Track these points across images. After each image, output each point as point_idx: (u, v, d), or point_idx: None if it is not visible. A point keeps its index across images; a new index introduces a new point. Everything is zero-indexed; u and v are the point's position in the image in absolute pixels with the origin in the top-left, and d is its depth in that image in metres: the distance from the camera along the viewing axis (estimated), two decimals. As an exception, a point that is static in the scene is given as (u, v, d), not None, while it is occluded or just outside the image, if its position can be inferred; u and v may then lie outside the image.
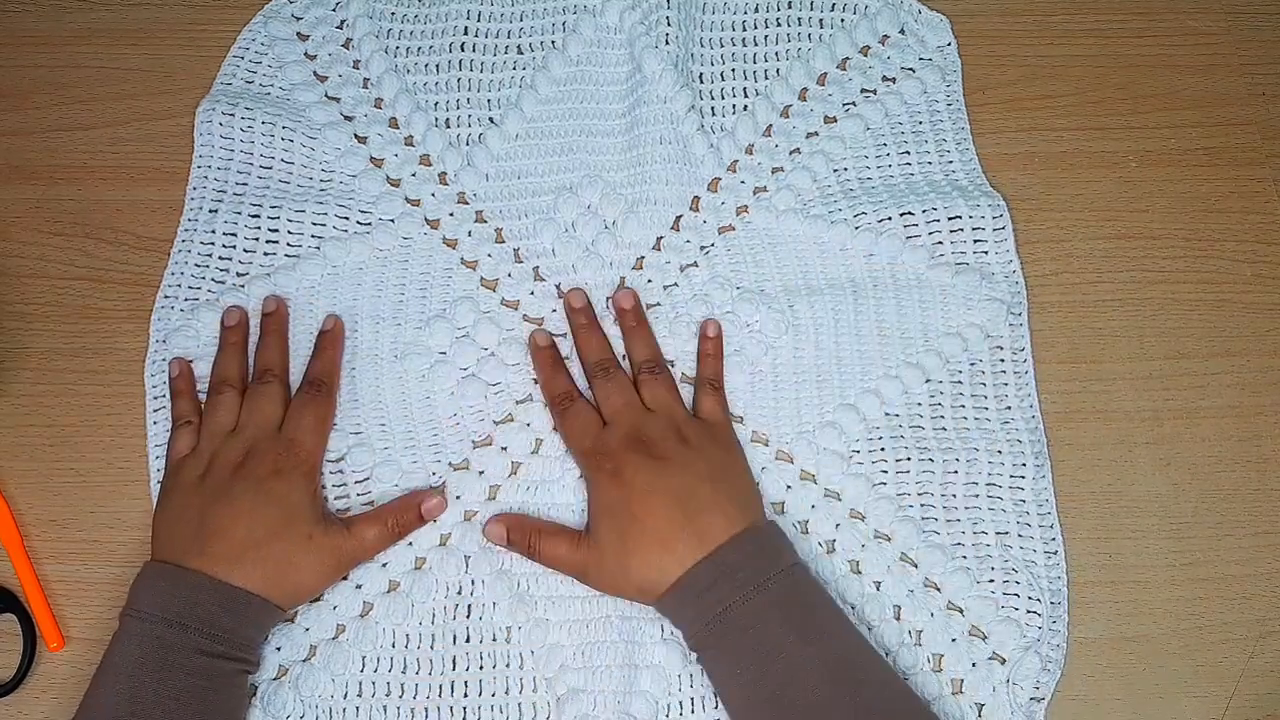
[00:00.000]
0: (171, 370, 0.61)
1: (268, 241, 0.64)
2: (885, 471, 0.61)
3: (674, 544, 0.53)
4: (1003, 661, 0.57)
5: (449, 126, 0.67)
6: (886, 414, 0.62)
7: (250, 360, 0.62)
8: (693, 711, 0.57)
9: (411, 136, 0.67)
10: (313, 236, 0.64)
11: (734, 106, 0.68)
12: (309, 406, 0.59)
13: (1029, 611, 0.58)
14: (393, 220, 0.65)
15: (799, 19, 0.70)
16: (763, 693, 0.51)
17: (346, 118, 0.67)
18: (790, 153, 0.67)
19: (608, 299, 0.63)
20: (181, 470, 0.57)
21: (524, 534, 0.58)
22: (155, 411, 0.61)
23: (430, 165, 0.67)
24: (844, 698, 0.50)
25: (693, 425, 0.58)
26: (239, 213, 0.64)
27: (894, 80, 0.69)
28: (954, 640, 0.57)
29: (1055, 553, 0.59)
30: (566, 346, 0.63)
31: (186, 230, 0.65)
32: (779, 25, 0.70)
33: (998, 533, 0.60)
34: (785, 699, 0.50)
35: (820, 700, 0.50)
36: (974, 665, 0.57)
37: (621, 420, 0.58)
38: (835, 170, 0.67)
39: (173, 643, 0.51)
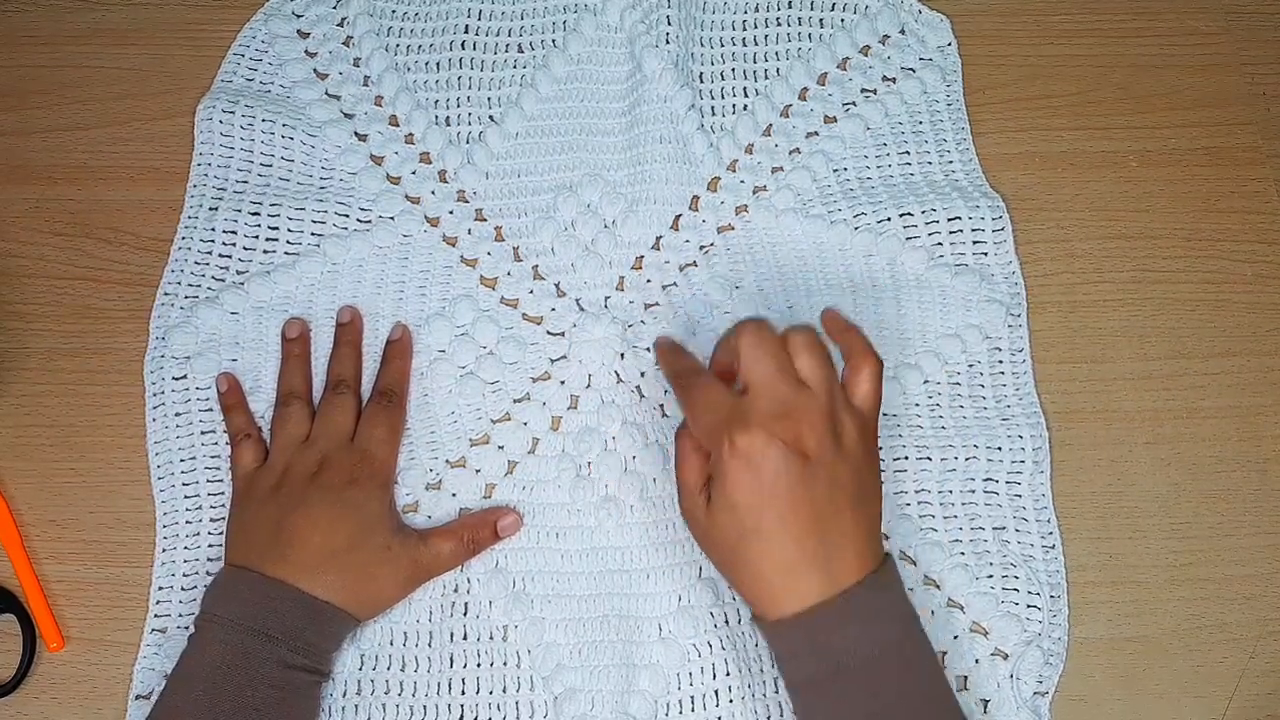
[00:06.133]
0: (220, 386, 0.61)
1: (268, 239, 0.64)
2: (883, 470, 0.60)
3: (798, 571, 0.47)
4: (1005, 657, 0.57)
5: (449, 124, 0.67)
6: (884, 415, 0.61)
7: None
8: (692, 710, 0.56)
9: (412, 134, 0.67)
10: (313, 234, 0.64)
11: (734, 106, 0.68)
12: (381, 417, 0.59)
13: (1029, 606, 0.58)
14: (392, 218, 0.65)
15: (799, 19, 0.70)
16: None
17: (346, 115, 0.67)
18: (790, 152, 0.67)
19: (605, 299, 0.64)
20: (255, 481, 0.57)
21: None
22: (155, 409, 0.61)
23: (430, 163, 0.67)
24: None
25: (848, 417, 0.48)
26: (239, 210, 0.65)
27: (894, 80, 0.69)
28: (956, 637, 0.57)
29: (1053, 547, 0.59)
30: (574, 345, 0.63)
31: (187, 228, 0.65)
32: (779, 25, 0.70)
33: (995, 528, 0.60)
34: None
35: None
36: (976, 661, 0.57)
37: (766, 391, 0.47)
38: (835, 170, 0.67)
39: (256, 653, 0.50)
